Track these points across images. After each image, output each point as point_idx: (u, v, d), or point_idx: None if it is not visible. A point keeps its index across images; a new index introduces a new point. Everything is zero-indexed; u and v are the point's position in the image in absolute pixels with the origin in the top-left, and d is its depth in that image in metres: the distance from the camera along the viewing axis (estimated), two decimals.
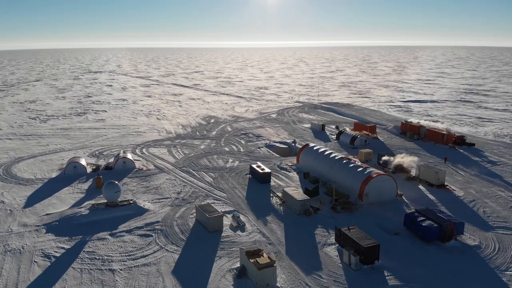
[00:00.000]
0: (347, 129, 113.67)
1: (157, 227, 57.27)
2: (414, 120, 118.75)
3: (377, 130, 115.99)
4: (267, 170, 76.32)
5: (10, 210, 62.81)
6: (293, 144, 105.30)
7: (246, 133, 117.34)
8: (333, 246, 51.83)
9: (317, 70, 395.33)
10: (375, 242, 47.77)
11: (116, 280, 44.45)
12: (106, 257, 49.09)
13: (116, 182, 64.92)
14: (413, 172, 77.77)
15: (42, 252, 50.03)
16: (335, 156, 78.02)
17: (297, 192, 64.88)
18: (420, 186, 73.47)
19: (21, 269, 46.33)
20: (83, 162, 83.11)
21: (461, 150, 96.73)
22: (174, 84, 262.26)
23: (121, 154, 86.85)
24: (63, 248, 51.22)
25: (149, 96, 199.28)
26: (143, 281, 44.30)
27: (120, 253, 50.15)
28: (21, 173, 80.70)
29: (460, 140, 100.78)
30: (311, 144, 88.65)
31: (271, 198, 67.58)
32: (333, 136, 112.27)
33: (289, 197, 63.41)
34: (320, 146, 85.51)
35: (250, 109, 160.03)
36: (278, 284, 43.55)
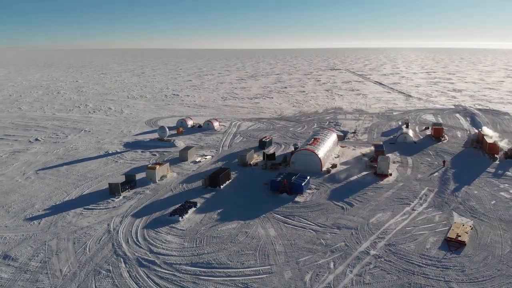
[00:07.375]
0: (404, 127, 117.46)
1: (165, 153, 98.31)
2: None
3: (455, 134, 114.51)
4: (265, 139, 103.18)
5: (126, 134, 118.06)
6: (351, 133, 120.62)
7: (333, 121, 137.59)
8: None
9: None
10: (218, 175, 73.48)
11: (112, 165, 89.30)
12: (124, 158, 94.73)
13: (166, 127, 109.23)
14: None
15: (107, 150, 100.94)
16: (314, 136, 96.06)
17: (251, 153, 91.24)
18: (365, 172, 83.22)
19: (89, 152, 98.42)
20: (189, 120, 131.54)
21: (497, 162, 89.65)
22: (376, 81, 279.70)
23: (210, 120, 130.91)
24: (117, 151, 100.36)
25: (327, 90, 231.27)
26: (113, 166, 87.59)
27: (131, 157, 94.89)
28: (159, 123, 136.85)
29: (511, 153, 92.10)
30: (333, 131, 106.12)
31: None
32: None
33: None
34: (329, 133, 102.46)
35: (386, 107, 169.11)
36: (157, 181, 77.45)
